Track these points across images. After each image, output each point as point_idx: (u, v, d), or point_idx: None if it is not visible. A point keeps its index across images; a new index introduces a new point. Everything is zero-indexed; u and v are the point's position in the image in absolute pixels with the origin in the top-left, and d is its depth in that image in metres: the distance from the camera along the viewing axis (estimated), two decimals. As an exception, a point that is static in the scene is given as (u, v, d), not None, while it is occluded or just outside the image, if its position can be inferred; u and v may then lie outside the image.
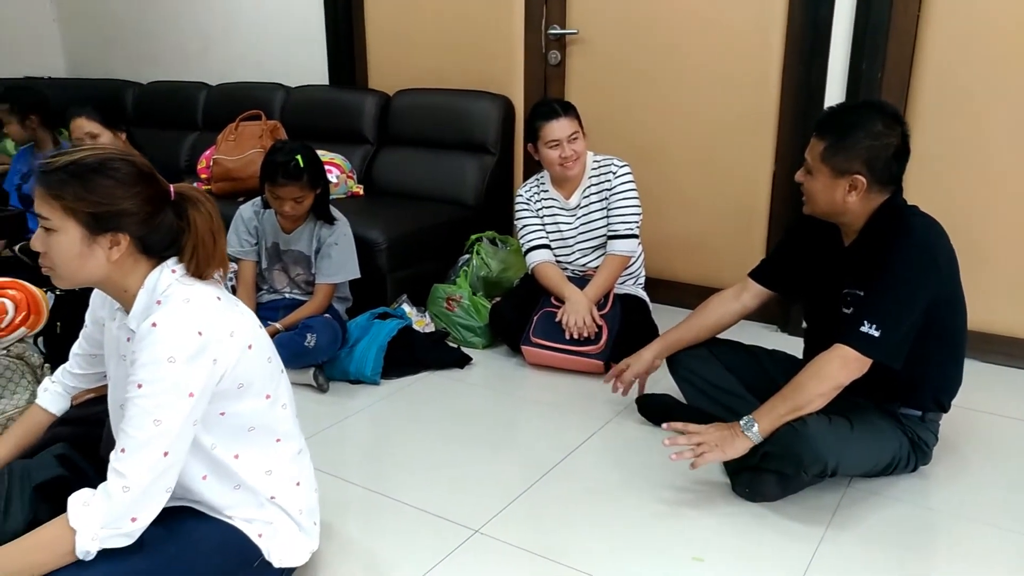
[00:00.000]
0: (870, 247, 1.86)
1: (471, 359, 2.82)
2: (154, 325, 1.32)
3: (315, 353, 2.53)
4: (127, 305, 1.43)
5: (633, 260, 2.85)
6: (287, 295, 2.84)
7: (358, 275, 2.80)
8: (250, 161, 3.46)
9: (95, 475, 1.51)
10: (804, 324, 2.25)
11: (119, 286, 1.43)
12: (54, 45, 5.25)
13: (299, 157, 2.55)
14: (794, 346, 2.32)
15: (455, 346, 2.89)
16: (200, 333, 1.34)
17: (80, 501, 1.29)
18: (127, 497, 1.28)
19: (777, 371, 2.13)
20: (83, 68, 5.18)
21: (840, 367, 1.79)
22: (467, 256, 3.20)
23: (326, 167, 3.18)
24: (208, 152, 3.73)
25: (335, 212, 2.76)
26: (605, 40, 3.27)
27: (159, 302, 1.37)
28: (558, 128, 2.67)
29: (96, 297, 1.62)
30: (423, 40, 3.74)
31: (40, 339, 2.49)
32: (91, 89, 4.75)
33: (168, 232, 1.44)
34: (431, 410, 2.49)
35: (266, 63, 4.24)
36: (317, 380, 2.58)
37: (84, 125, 2.99)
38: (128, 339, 1.45)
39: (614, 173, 2.78)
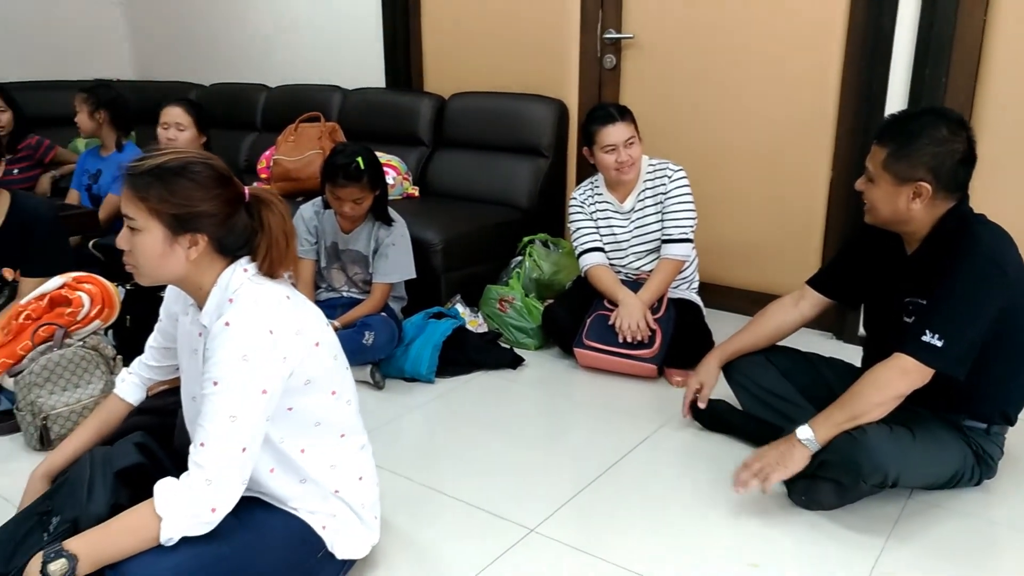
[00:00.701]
0: (934, 255, 1.83)
1: (523, 360, 2.85)
2: (227, 324, 1.37)
3: (373, 351, 2.59)
4: (201, 301, 1.50)
5: (687, 265, 2.84)
6: (345, 294, 2.90)
7: (414, 275, 2.85)
8: (309, 162, 3.54)
9: (170, 463, 1.58)
10: (863, 332, 2.23)
11: (195, 283, 1.49)
12: (122, 48, 5.43)
13: (360, 159, 2.61)
14: (849, 354, 2.30)
15: (508, 347, 2.92)
16: (271, 331, 1.39)
17: (165, 491, 1.35)
18: (209, 489, 1.34)
19: (834, 379, 2.11)
20: (149, 70, 5.35)
21: (900, 376, 1.77)
22: (519, 258, 3.23)
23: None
24: (268, 152, 3.83)
25: (393, 213, 2.82)
26: (661, 44, 3.27)
27: (231, 300, 1.43)
28: (614, 133, 2.68)
29: (170, 292, 1.68)
30: (478, 44, 3.78)
31: (110, 332, 2.58)
32: (157, 92, 4.89)
33: (242, 232, 1.49)
34: (485, 409, 2.52)
35: (324, 66, 4.33)
36: (374, 377, 2.63)
37: (177, 115, 3.12)
38: (200, 334, 1.51)
39: (669, 177, 2.78)
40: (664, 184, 2.78)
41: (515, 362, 2.82)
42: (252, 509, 1.50)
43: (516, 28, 3.64)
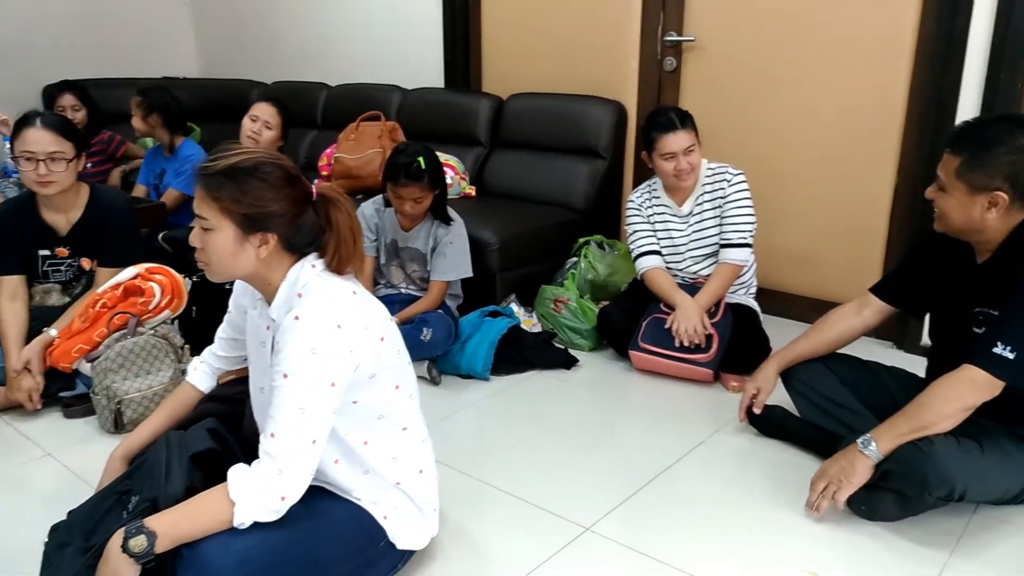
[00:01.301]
0: (1008, 265, 1.79)
1: (577, 361, 2.86)
2: (297, 318, 1.41)
3: (430, 347, 2.63)
4: (269, 296, 1.54)
5: (745, 269, 2.82)
6: (403, 290, 2.95)
7: (471, 274, 2.88)
8: (369, 160, 3.61)
9: (240, 449, 1.63)
10: (927, 342, 2.19)
11: (264, 279, 1.53)
12: (188, 47, 5.59)
13: (421, 159, 2.65)
14: (911, 364, 2.27)
15: (562, 347, 2.94)
16: (339, 326, 1.42)
17: (238, 477, 1.40)
18: (280, 479, 1.38)
19: (897, 389, 2.08)
20: (214, 69, 5.49)
21: (969, 388, 1.74)
22: (575, 259, 3.24)
23: (440, 168, 3.29)
24: (329, 150, 3.90)
25: (452, 213, 2.85)
26: (723, 47, 3.25)
27: (300, 295, 1.47)
28: (674, 141, 2.68)
29: (239, 286, 1.73)
30: (537, 45, 3.80)
31: (176, 322, 2.66)
32: (220, 89, 5.03)
33: (310, 231, 1.53)
34: (539, 408, 2.54)
35: (383, 65, 4.40)
36: (431, 373, 2.67)
37: (268, 113, 3.22)
38: (267, 327, 1.56)
39: (728, 181, 2.77)
40: (723, 188, 2.77)
41: (569, 363, 2.83)
42: (318, 497, 1.54)
43: (575, 29, 3.65)
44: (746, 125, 3.25)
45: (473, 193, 3.68)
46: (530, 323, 3.06)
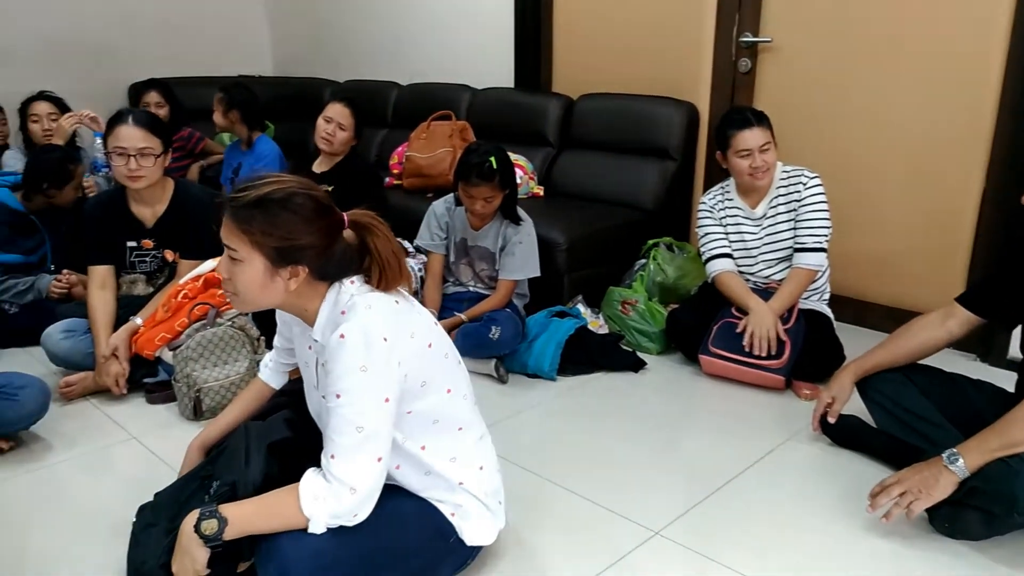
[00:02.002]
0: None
1: (645, 364, 2.84)
2: (343, 337, 1.38)
3: (498, 345, 2.64)
4: (308, 320, 1.52)
5: (819, 275, 2.76)
6: (471, 288, 2.98)
7: (538, 273, 2.89)
8: (440, 159, 3.65)
9: (314, 440, 1.66)
10: (1017, 355, 2.10)
11: (298, 308, 1.52)
12: (264, 46, 5.74)
13: (493, 159, 2.67)
14: (996, 377, 2.17)
15: (629, 350, 2.92)
16: (385, 339, 1.40)
17: (311, 495, 1.39)
18: (354, 499, 1.39)
19: (984, 403, 2.00)
20: (288, 67, 5.63)
21: (1065, 405, 1.67)
22: (643, 261, 3.22)
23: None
24: (400, 149, 3.96)
25: (521, 212, 2.86)
26: (801, 49, 3.18)
27: (343, 312, 1.44)
28: (750, 138, 2.64)
29: None
30: (609, 45, 3.79)
31: (251, 314, 2.73)
32: (294, 87, 5.16)
33: (342, 258, 1.49)
34: (606, 410, 2.53)
35: (454, 65, 4.44)
36: (498, 371, 2.69)
37: (343, 114, 3.30)
38: (310, 347, 1.56)
39: (804, 184, 2.71)
40: (799, 191, 2.71)
41: (637, 365, 2.81)
42: (389, 494, 1.54)
43: (649, 30, 3.63)
44: (823, 128, 3.18)
45: (541, 193, 3.68)
46: (597, 324, 3.05)
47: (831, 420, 2.21)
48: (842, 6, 3.05)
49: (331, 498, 1.39)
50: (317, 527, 1.39)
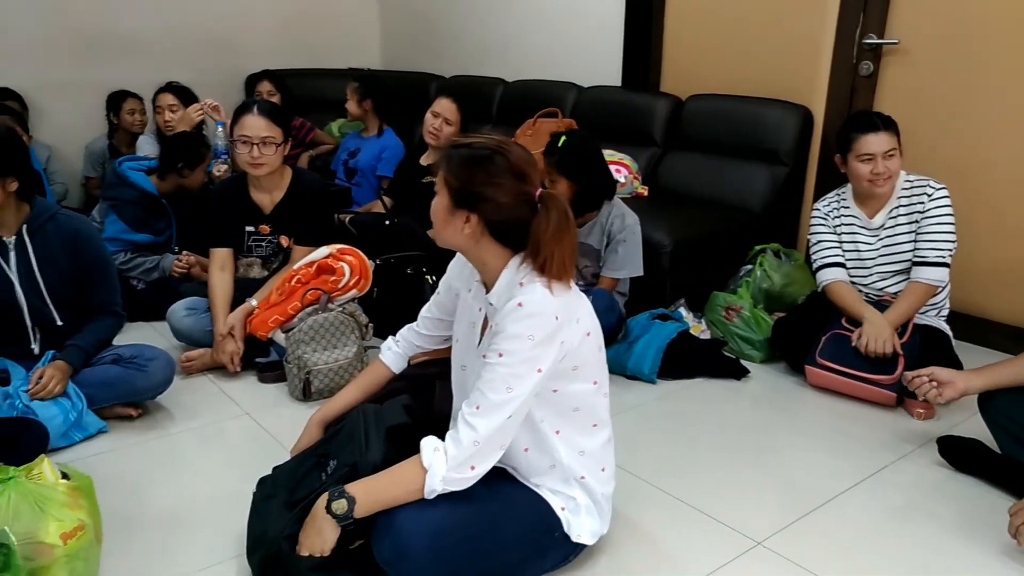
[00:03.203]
0: None
1: (748, 371, 2.78)
2: (520, 305, 1.46)
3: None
4: (485, 276, 1.60)
5: (939, 290, 2.64)
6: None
7: (641, 273, 2.86)
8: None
9: (430, 427, 1.70)
10: None
11: (478, 258, 1.59)
12: (373, 40, 5.89)
13: (564, 138, 2.67)
14: None
15: (732, 356, 2.86)
16: (556, 317, 1.47)
17: (431, 447, 1.48)
18: (474, 448, 1.46)
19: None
20: (395, 61, 5.76)
21: None
22: (749, 266, 3.15)
23: (614, 167, 3.30)
24: (505, 145, 3.99)
25: (626, 210, 2.84)
26: (930, 51, 3.04)
27: (521, 284, 1.51)
28: (875, 142, 2.54)
29: (452, 269, 1.80)
30: (722, 45, 3.71)
31: (355, 301, 2.81)
32: (400, 81, 5.26)
33: (518, 227, 1.53)
34: (706, 416, 2.49)
35: (560, 62, 4.44)
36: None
37: (450, 110, 3.40)
38: (480, 309, 1.63)
39: (929, 195, 2.59)
40: (923, 202, 2.59)
41: (739, 372, 2.76)
42: (502, 481, 1.60)
43: (764, 31, 3.54)
44: (950, 136, 3.03)
45: (645, 193, 3.65)
46: (698, 329, 3.01)
47: (940, 401, 2.11)
48: (975, 6, 2.90)
49: (452, 445, 1.46)
50: (434, 479, 1.45)
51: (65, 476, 1.63)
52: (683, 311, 3.05)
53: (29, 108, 4.36)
